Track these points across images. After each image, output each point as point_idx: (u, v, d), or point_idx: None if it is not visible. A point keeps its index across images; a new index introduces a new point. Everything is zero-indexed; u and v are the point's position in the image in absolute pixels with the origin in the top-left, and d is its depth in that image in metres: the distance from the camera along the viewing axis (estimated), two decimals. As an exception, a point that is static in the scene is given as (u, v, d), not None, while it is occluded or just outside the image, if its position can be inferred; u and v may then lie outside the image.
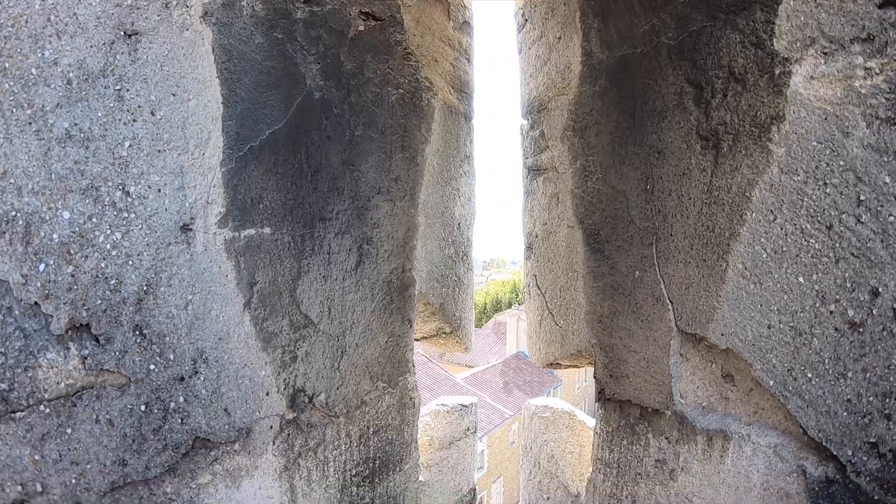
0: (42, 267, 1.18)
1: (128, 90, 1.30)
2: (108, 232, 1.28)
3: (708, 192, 1.67)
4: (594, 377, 2.24)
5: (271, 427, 1.64)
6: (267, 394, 1.63)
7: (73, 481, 1.21)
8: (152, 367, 1.35)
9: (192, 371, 1.43)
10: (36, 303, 1.17)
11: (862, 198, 1.29)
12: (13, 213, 1.14)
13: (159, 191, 1.37)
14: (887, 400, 1.26)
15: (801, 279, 1.44)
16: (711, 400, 1.78)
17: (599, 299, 2.16)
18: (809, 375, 1.42)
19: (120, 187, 1.29)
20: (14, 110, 1.14)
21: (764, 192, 1.50)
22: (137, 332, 1.33)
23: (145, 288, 1.35)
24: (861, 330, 1.31)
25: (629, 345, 2.01)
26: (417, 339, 2.84)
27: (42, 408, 1.18)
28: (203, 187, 1.46)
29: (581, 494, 2.40)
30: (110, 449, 1.27)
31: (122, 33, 1.29)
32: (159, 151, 1.36)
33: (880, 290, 1.26)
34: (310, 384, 1.76)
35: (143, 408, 1.33)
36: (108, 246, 1.28)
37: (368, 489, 2.04)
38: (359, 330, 1.95)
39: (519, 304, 37.71)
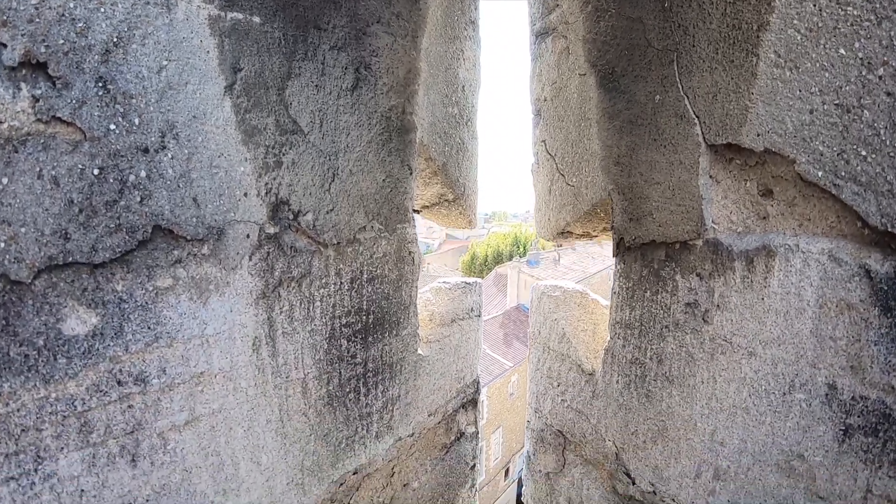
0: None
1: None
2: (78, -29, 1.07)
3: (733, -11, 1.48)
4: (612, 228, 2.06)
5: (248, 236, 1.45)
6: (245, 195, 1.43)
7: (2, 245, 1.02)
8: (113, 127, 1.15)
9: (159, 144, 1.23)
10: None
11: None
12: None
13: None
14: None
15: (842, 51, 1.29)
16: (748, 223, 1.60)
17: (616, 139, 1.96)
18: (864, 153, 1.27)
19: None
20: None
21: (794, -29, 1.32)
22: (100, 85, 1.12)
23: (115, 40, 1.14)
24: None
25: (651, 177, 1.81)
26: (418, 211, 2.66)
27: (-26, 148, 0.99)
28: (183, -48, 1.25)
29: (596, 371, 2.23)
30: (52, 214, 1.08)
31: None
32: None
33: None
34: (295, 198, 1.57)
35: (96, 172, 1.13)
36: (79, -13, 1.08)
37: (361, 346, 1.87)
38: (353, 156, 1.74)
39: (520, 257, 37.63)
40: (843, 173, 1.31)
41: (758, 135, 1.47)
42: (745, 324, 1.55)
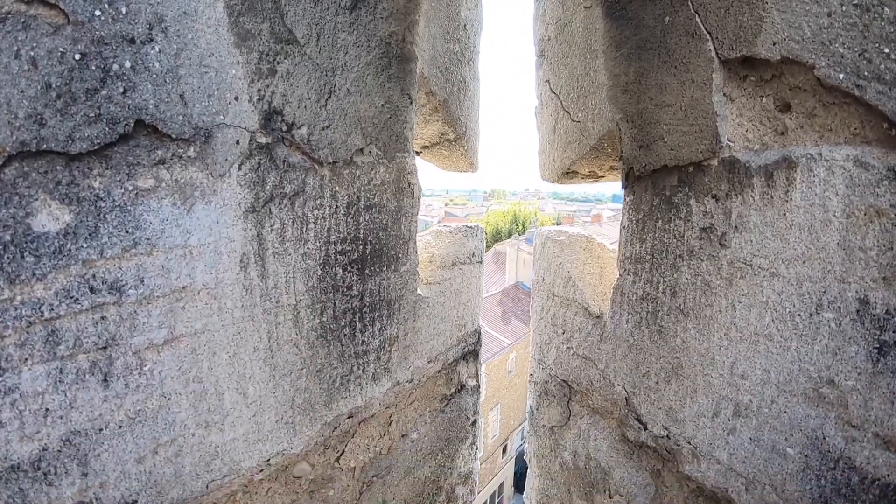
0: None
1: None
2: None
3: None
4: (620, 159, 1.95)
5: (238, 143, 1.33)
6: (236, 98, 1.32)
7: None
8: (98, 13, 1.05)
9: (146, 36, 1.12)
10: None
11: None
12: None
13: None
14: None
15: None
16: (765, 140, 1.50)
17: (624, 67, 1.85)
18: (887, 51, 1.18)
19: None
20: None
21: None
22: (85, -32, 1.02)
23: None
24: None
25: (662, 100, 1.71)
26: (418, 152, 2.55)
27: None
28: None
29: (604, 313, 2.13)
30: (27, 97, 0.97)
31: None
32: None
33: None
34: (289, 109, 1.45)
35: (77, 57, 1.03)
36: None
37: (357, 278, 1.76)
38: (351, 76, 1.63)
39: (519, 235, 37.54)
40: (865, 73, 1.21)
41: (774, 44, 1.37)
42: (766, 243, 1.44)
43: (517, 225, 43.66)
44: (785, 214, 1.39)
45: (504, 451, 27.79)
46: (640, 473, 1.98)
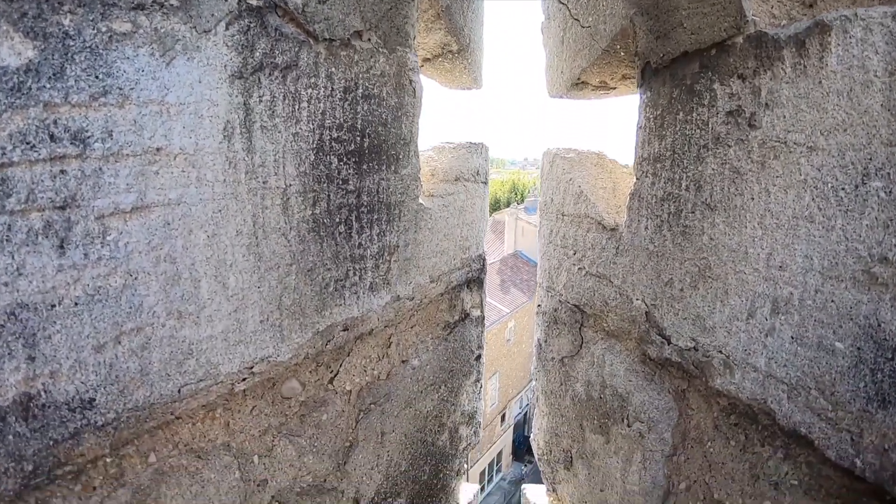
0: None
1: None
2: None
3: None
4: (636, 55, 1.80)
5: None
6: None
7: None
8: None
9: None
10: None
11: None
12: None
13: None
14: None
15: None
16: (792, 14, 1.37)
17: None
18: None
19: None
20: None
21: None
22: None
23: None
24: None
25: (682, -17, 1.55)
26: (421, 65, 2.38)
27: None
28: None
29: (619, 225, 1.98)
30: None
31: None
32: None
33: None
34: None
35: None
36: None
37: (354, 172, 1.61)
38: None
39: (518, 204, 37.30)
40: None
41: None
42: (801, 116, 1.28)
43: (516, 194, 43.33)
44: (821, 83, 1.24)
45: (503, 419, 27.94)
46: (663, 396, 1.85)
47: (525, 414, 29.81)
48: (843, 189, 1.24)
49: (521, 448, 28.58)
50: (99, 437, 1.10)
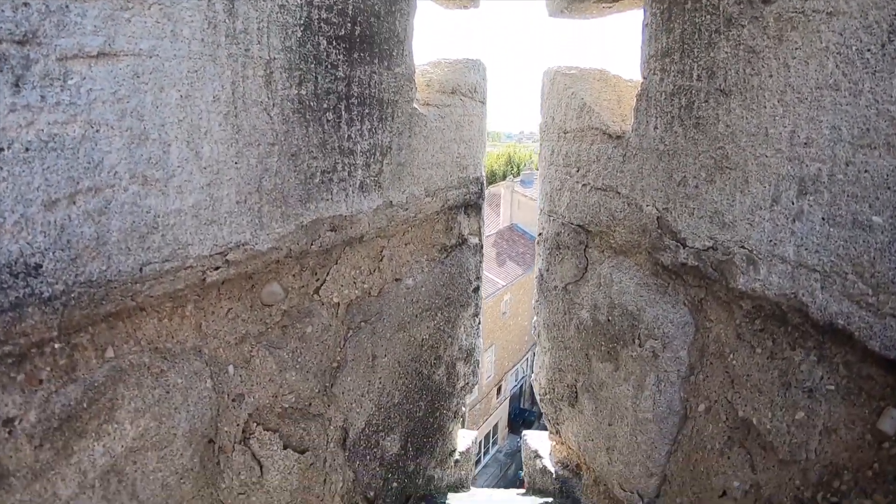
0: None
1: None
2: None
3: None
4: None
5: None
6: None
7: None
8: None
9: None
10: None
11: None
12: None
13: None
14: None
15: None
16: None
17: None
18: None
19: None
20: None
21: None
22: None
23: None
24: None
25: None
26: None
27: None
28: None
29: (625, 132, 1.86)
30: None
31: None
32: None
33: None
34: None
35: None
36: None
37: (344, 59, 1.52)
38: None
39: (514, 177, 37.09)
40: None
41: None
42: None
43: (512, 167, 43.03)
44: None
45: (499, 391, 28.04)
46: (678, 309, 1.74)
47: (521, 387, 29.94)
48: (868, 50, 1.13)
49: (518, 421, 28.72)
50: (45, 314, 0.98)
